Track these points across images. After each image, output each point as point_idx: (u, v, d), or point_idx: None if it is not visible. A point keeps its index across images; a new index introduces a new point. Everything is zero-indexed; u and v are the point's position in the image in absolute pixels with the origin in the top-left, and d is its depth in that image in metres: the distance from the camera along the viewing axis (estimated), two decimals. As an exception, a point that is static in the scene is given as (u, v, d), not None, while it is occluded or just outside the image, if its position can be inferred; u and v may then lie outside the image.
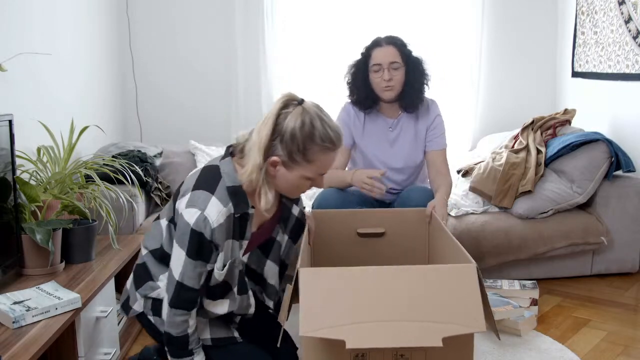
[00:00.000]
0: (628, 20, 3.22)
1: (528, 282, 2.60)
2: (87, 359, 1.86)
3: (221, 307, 1.68)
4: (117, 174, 2.44)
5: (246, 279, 1.71)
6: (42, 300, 1.75)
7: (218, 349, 1.70)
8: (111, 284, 2.14)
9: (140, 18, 3.93)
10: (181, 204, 1.56)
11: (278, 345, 1.64)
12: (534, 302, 2.57)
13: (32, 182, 2.24)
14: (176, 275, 1.56)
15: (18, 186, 2.01)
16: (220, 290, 1.65)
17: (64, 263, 2.14)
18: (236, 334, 1.73)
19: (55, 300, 1.75)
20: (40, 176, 2.33)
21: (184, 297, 1.56)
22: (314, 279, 1.51)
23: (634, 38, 3.17)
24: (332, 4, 3.97)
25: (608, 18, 3.40)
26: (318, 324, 1.43)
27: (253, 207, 1.63)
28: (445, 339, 1.40)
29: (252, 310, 1.73)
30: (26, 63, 2.46)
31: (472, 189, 3.18)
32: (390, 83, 2.47)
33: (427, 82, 2.54)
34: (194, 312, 1.61)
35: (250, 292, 1.72)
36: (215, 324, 1.72)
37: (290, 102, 1.58)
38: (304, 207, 1.92)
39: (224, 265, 1.60)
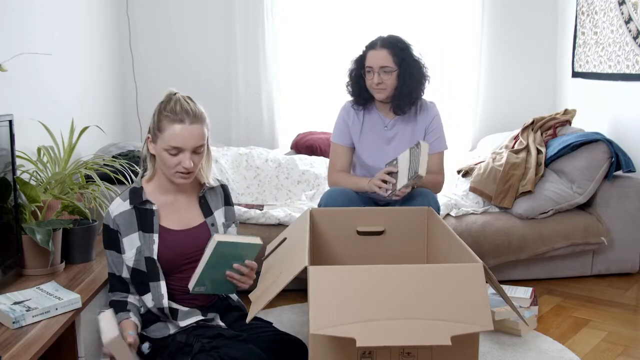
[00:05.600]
0: (628, 21, 3.22)
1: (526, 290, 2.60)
2: (87, 359, 1.86)
3: (148, 299, 1.83)
4: (117, 174, 2.44)
5: (160, 270, 1.81)
6: (43, 300, 1.75)
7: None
8: (111, 284, 2.14)
9: (140, 18, 3.93)
10: None
11: (247, 321, 1.70)
12: (534, 302, 2.57)
13: (32, 182, 2.24)
14: (108, 269, 1.88)
15: (18, 186, 2.01)
16: (142, 282, 1.83)
17: (64, 263, 2.14)
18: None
19: (55, 300, 1.75)
20: (40, 176, 2.33)
21: (114, 282, 1.86)
22: (323, 277, 1.51)
23: (634, 38, 3.17)
24: (333, 4, 3.97)
25: (608, 18, 3.40)
26: (328, 322, 1.44)
27: (149, 201, 1.84)
28: (453, 338, 1.41)
29: (164, 302, 1.80)
30: (26, 63, 2.45)
31: (472, 189, 3.18)
32: (381, 86, 2.49)
33: (421, 86, 2.54)
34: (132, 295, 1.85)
35: (163, 283, 1.81)
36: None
37: (165, 96, 1.84)
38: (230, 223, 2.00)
39: (133, 253, 1.81)
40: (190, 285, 1.75)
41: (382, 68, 2.47)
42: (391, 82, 2.48)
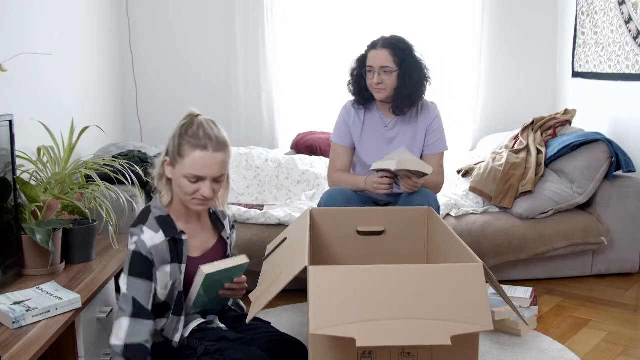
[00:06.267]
0: (628, 21, 3.22)
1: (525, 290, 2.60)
2: (87, 359, 1.86)
3: (158, 324, 1.75)
4: (117, 174, 2.44)
5: (184, 304, 1.77)
6: (42, 300, 1.75)
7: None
8: (111, 284, 2.14)
9: (140, 18, 3.93)
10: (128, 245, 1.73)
11: (247, 321, 1.69)
12: (534, 302, 2.57)
13: (32, 182, 2.24)
14: (130, 293, 1.66)
15: (18, 186, 2.01)
16: (160, 310, 1.75)
17: (64, 263, 2.14)
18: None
19: (55, 300, 1.75)
20: (40, 176, 2.32)
21: (138, 309, 1.65)
22: (323, 277, 1.51)
23: (634, 38, 3.17)
24: (333, 4, 3.97)
25: (608, 18, 3.40)
26: (328, 322, 1.44)
27: (183, 232, 1.75)
28: (453, 338, 1.41)
29: (177, 337, 1.74)
30: (26, 63, 2.45)
31: (472, 189, 3.18)
32: (380, 86, 2.49)
33: (422, 88, 2.54)
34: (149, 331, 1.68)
35: (183, 318, 1.76)
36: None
37: (186, 117, 1.76)
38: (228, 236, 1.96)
39: (166, 286, 1.71)
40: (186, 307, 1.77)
41: (382, 68, 2.47)
42: (391, 82, 2.49)
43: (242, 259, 1.77)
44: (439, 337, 1.42)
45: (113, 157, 2.76)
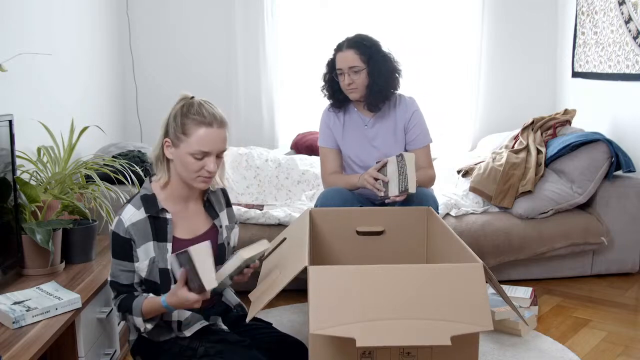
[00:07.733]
0: (628, 21, 3.22)
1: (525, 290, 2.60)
2: (87, 359, 1.86)
3: None
4: (117, 174, 2.44)
5: (172, 281, 1.76)
6: (42, 300, 1.75)
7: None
8: (111, 284, 2.14)
9: (140, 18, 3.94)
10: None
11: (247, 321, 1.69)
12: (534, 302, 2.57)
13: (32, 182, 2.24)
14: (109, 276, 1.77)
15: (18, 186, 2.01)
16: (153, 293, 1.77)
17: (64, 263, 2.14)
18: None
19: (55, 300, 1.75)
20: (40, 176, 2.33)
21: (117, 287, 1.75)
22: (323, 277, 1.51)
23: (634, 38, 3.17)
24: (333, 4, 3.97)
25: (608, 18, 3.40)
26: (327, 322, 1.44)
27: (166, 210, 1.78)
28: (453, 338, 1.41)
29: (175, 313, 1.75)
30: (26, 63, 2.45)
31: (472, 189, 3.18)
32: (352, 86, 2.51)
33: (394, 81, 2.54)
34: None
35: None
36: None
37: (182, 99, 1.79)
38: (232, 225, 1.97)
39: (147, 260, 1.75)
40: (208, 288, 1.66)
41: (351, 68, 2.50)
42: (361, 81, 2.50)
43: (264, 244, 1.76)
44: (439, 337, 1.42)
45: (113, 157, 2.76)
